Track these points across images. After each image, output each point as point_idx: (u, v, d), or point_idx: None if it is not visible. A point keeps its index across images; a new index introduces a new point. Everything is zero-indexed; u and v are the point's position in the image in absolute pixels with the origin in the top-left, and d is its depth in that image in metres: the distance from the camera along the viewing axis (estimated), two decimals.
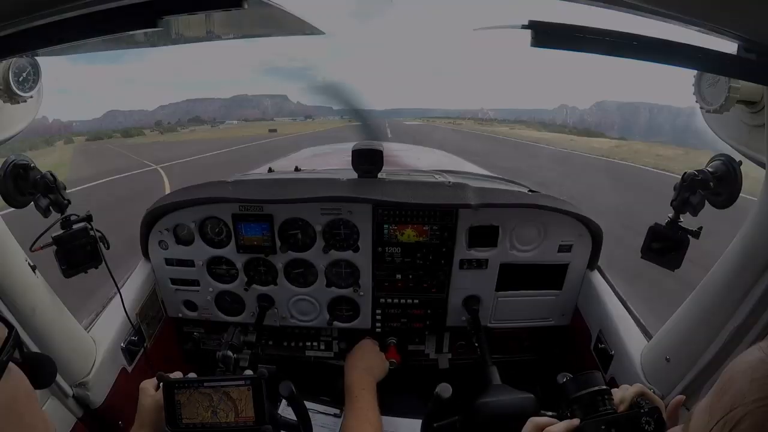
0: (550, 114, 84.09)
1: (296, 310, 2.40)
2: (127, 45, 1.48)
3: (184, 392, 1.54)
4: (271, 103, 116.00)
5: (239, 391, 1.54)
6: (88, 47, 1.34)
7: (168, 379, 1.56)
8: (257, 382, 1.55)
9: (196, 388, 1.54)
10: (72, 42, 0.91)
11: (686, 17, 0.82)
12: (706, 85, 1.24)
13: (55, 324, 1.61)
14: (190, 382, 1.55)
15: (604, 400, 1.16)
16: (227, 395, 1.54)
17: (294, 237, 2.21)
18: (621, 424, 1.10)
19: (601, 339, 2.06)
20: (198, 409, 1.54)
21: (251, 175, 2.76)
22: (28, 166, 1.51)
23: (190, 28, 1.26)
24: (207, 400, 1.54)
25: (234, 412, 1.54)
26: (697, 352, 1.48)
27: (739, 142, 1.30)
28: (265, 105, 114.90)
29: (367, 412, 1.85)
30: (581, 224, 2.16)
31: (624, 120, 64.98)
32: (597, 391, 1.17)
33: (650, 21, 0.86)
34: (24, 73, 1.31)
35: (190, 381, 1.56)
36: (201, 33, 1.42)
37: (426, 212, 2.12)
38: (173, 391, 1.54)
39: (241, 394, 1.54)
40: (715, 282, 1.43)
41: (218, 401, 1.54)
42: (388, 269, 2.27)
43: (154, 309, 2.30)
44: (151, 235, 2.24)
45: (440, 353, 2.54)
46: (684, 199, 1.49)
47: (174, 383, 1.55)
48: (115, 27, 0.85)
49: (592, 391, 1.17)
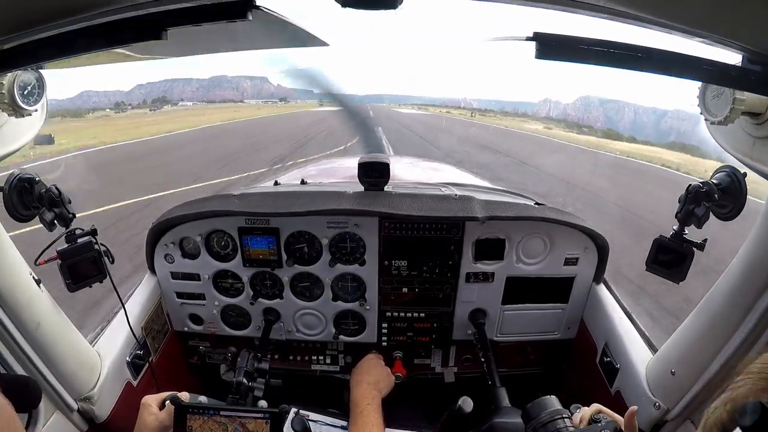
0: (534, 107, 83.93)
1: (302, 323, 2.39)
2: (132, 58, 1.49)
3: (197, 418, 1.53)
4: (251, 85, 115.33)
5: (257, 423, 1.53)
6: (93, 59, 1.35)
7: (181, 402, 1.54)
8: (277, 417, 1.54)
9: (211, 416, 1.53)
10: (78, 54, 0.91)
11: (691, 29, 0.82)
12: (711, 97, 1.25)
13: (59, 338, 1.60)
14: (205, 409, 1.53)
15: (563, 419, 1.24)
16: (243, 426, 1.53)
17: (300, 250, 2.21)
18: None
19: (606, 352, 2.05)
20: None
21: (257, 188, 2.77)
22: (33, 180, 1.51)
23: (195, 40, 1.27)
24: (221, 428, 1.53)
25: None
26: (702, 365, 1.48)
27: (743, 153, 1.30)
28: (245, 86, 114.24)
29: (373, 429, 1.83)
30: (587, 237, 2.16)
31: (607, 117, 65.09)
32: (555, 411, 1.26)
33: (655, 33, 0.86)
34: (29, 87, 1.30)
35: (205, 407, 1.54)
36: (206, 45, 1.42)
37: (432, 225, 2.12)
38: (186, 415, 1.52)
39: (258, 426, 1.53)
40: (720, 295, 1.43)
41: (233, 431, 1.52)
42: (394, 283, 2.26)
43: (160, 323, 2.30)
44: (156, 249, 2.24)
45: (446, 367, 2.53)
46: (689, 211, 1.49)
47: (188, 407, 1.53)
48: (121, 39, 0.86)
49: (551, 410, 1.27)
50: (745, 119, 1.24)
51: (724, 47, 0.89)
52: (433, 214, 2.03)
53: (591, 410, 1.26)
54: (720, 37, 0.85)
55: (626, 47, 0.86)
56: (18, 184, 1.49)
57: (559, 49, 0.85)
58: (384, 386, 2.14)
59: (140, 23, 0.80)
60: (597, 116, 63.95)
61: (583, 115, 66.92)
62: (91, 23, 0.80)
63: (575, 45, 0.85)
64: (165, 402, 1.59)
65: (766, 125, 1.19)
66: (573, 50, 0.86)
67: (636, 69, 0.90)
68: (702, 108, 1.27)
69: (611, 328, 2.05)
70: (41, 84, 1.34)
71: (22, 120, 1.35)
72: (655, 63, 0.89)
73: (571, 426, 1.21)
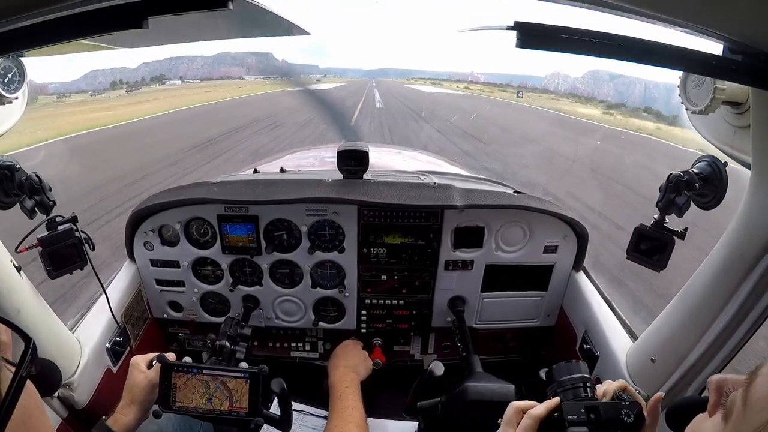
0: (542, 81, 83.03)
1: (281, 310, 2.39)
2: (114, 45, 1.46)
3: (182, 376, 1.61)
4: (255, 61, 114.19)
5: (237, 382, 1.61)
6: (74, 47, 1.32)
7: (167, 361, 1.61)
8: (256, 377, 1.62)
9: (194, 374, 1.61)
10: (58, 42, 0.90)
11: (672, 18, 0.81)
12: (692, 86, 1.24)
13: (40, 325, 1.59)
14: (189, 367, 1.61)
15: (586, 387, 1.18)
16: (224, 384, 1.61)
17: (279, 238, 2.20)
18: (600, 410, 1.10)
19: (586, 339, 2.06)
20: (194, 395, 1.61)
21: (236, 176, 2.74)
22: (14, 168, 1.51)
23: (177, 28, 1.24)
24: (203, 386, 1.61)
25: (229, 401, 1.62)
26: (682, 353, 1.49)
27: (724, 143, 1.30)
28: (249, 62, 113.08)
29: (353, 412, 1.84)
30: (567, 225, 2.17)
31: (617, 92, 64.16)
32: (580, 378, 1.19)
33: (635, 22, 0.85)
34: (9, 74, 1.31)
35: (189, 366, 1.62)
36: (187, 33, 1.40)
37: (411, 213, 2.12)
38: (171, 373, 1.60)
39: (238, 385, 1.61)
40: (700, 283, 1.44)
41: (214, 389, 1.61)
42: (373, 270, 2.26)
43: (139, 310, 2.29)
44: (136, 236, 2.23)
45: (425, 354, 2.55)
46: (669, 200, 1.49)
47: (173, 366, 1.61)
48: (102, 28, 0.85)
49: (576, 377, 1.19)
50: (726, 108, 1.24)
51: (705, 37, 0.88)
52: (411, 202, 2.02)
53: (616, 385, 1.19)
54: (701, 27, 0.84)
55: (607, 37, 0.84)
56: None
57: (540, 38, 0.84)
58: (362, 370, 2.15)
59: (121, 12, 0.78)
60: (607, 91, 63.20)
61: (593, 90, 66.06)
62: (72, 11, 0.78)
63: (556, 34, 0.84)
64: (152, 362, 1.67)
65: (747, 115, 1.19)
66: (554, 40, 0.84)
67: (617, 58, 0.89)
68: (683, 97, 1.27)
69: (591, 315, 2.07)
70: (21, 71, 1.34)
71: (2, 108, 1.34)
72: (636, 52, 0.88)
73: (593, 396, 1.17)
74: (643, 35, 0.86)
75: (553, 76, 78.22)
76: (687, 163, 1.48)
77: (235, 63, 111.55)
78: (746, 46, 0.88)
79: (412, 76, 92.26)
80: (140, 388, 1.61)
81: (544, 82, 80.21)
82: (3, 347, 0.66)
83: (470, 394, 1.72)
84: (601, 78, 69.29)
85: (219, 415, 1.62)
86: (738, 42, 0.88)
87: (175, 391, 1.61)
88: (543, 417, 1.12)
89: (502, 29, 0.85)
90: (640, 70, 67.04)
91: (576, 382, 1.19)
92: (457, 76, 79.63)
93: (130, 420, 1.58)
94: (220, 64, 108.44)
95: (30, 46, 0.91)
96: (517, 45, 0.84)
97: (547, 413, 1.13)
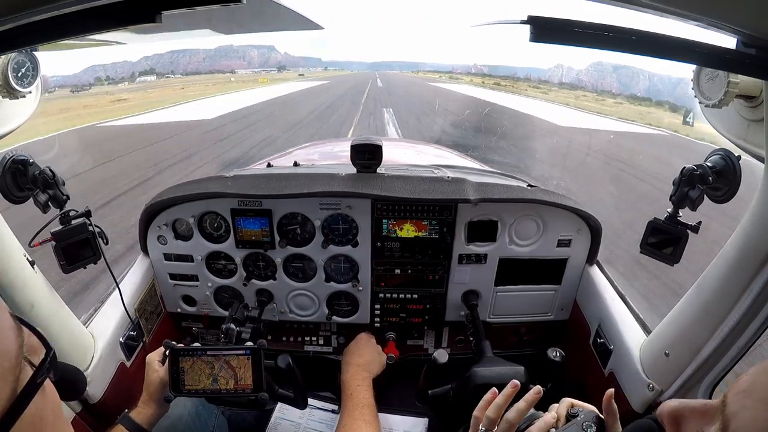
0: (545, 73, 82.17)
1: (295, 304, 2.41)
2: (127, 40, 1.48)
3: (188, 360, 1.65)
4: (258, 54, 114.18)
5: (239, 359, 1.65)
6: (88, 42, 1.34)
7: (174, 346, 1.66)
8: (257, 352, 1.65)
9: (199, 356, 1.65)
10: (71, 37, 0.91)
11: (684, 12, 0.81)
12: (705, 80, 1.24)
13: (53, 319, 1.61)
14: (193, 350, 1.66)
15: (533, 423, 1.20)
16: (228, 363, 1.65)
17: (293, 232, 2.22)
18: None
19: (600, 333, 2.06)
20: (200, 376, 1.65)
21: (250, 170, 2.77)
22: (27, 162, 1.51)
23: (190, 22, 1.26)
24: (209, 367, 1.65)
25: (234, 379, 1.66)
26: (696, 347, 1.48)
27: (738, 136, 1.30)
28: (251, 55, 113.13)
29: (364, 410, 1.85)
30: (580, 219, 2.16)
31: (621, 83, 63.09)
32: (525, 419, 1.22)
33: (648, 16, 0.85)
34: (23, 69, 1.31)
35: (193, 349, 1.66)
36: (201, 27, 1.42)
37: (425, 207, 2.13)
38: (178, 357, 1.65)
39: (240, 362, 1.65)
40: (714, 276, 1.43)
41: (219, 369, 1.65)
42: (386, 264, 2.27)
43: (153, 304, 2.31)
44: (149, 231, 2.25)
45: (439, 348, 2.54)
46: (683, 193, 1.49)
47: (179, 350, 1.65)
48: (115, 22, 0.85)
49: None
50: (740, 102, 1.23)
51: (719, 30, 0.88)
52: (425, 196, 2.03)
53: (564, 406, 1.21)
54: (714, 20, 0.84)
55: (621, 30, 0.85)
56: (12, 165, 1.49)
57: (553, 32, 0.84)
58: (375, 367, 2.17)
59: (135, 6, 0.80)
60: (611, 82, 62.30)
61: (597, 81, 65.25)
62: (86, 6, 0.79)
63: (569, 28, 0.85)
64: (166, 353, 1.71)
65: (761, 108, 1.18)
66: (567, 33, 0.85)
67: (631, 52, 0.90)
68: (696, 91, 1.27)
69: (604, 309, 2.06)
70: (35, 65, 1.34)
71: (16, 102, 1.35)
72: (649, 46, 0.88)
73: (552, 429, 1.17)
74: (656, 29, 0.87)
75: (557, 68, 77.34)
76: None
77: (237, 56, 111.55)
78: (760, 39, 0.88)
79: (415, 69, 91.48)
80: (155, 386, 1.67)
81: (548, 74, 79.34)
82: (30, 350, 0.67)
83: (478, 378, 1.73)
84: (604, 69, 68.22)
85: (225, 394, 1.66)
86: (752, 35, 0.88)
87: (183, 374, 1.65)
88: None
89: (516, 23, 0.87)
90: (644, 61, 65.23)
91: (521, 425, 1.21)
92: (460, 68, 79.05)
93: (151, 413, 1.64)
94: (222, 57, 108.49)
95: (43, 40, 0.92)
96: (531, 39, 0.85)
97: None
